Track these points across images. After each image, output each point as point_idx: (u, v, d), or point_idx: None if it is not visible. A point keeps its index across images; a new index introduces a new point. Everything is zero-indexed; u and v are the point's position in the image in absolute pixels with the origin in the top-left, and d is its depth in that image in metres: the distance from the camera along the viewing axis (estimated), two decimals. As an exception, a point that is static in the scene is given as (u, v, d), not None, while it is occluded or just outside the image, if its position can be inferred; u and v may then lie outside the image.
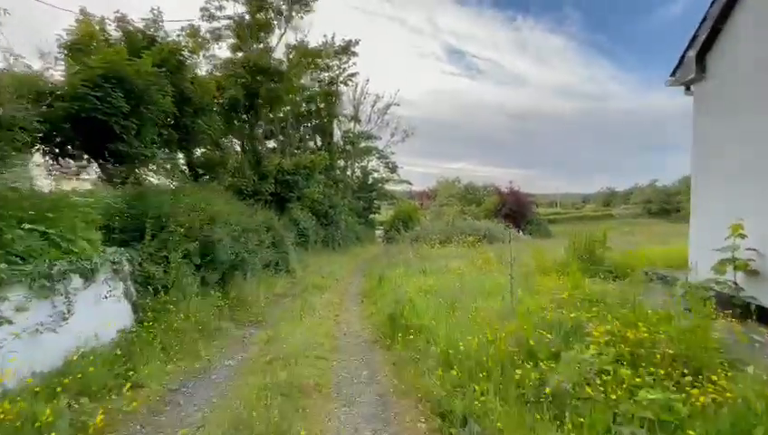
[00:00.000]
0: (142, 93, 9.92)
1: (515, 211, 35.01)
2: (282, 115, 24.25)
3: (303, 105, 24.76)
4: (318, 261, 18.86)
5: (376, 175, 36.96)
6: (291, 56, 20.20)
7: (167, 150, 12.20)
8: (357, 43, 27.53)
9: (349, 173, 35.10)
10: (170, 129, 12.40)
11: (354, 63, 28.82)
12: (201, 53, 18.30)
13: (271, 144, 24.37)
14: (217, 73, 17.64)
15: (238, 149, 19.04)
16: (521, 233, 27.64)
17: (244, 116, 16.83)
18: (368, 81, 33.64)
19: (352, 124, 31.57)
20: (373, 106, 34.50)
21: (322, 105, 25.86)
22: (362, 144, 35.46)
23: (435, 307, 6.36)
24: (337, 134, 31.44)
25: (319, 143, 27.63)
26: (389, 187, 37.88)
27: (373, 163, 37.31)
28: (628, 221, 49.39)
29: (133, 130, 9.67)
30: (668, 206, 52.51)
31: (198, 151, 14.87)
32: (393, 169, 34.26)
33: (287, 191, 17.32)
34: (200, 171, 13.98)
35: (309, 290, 11.07)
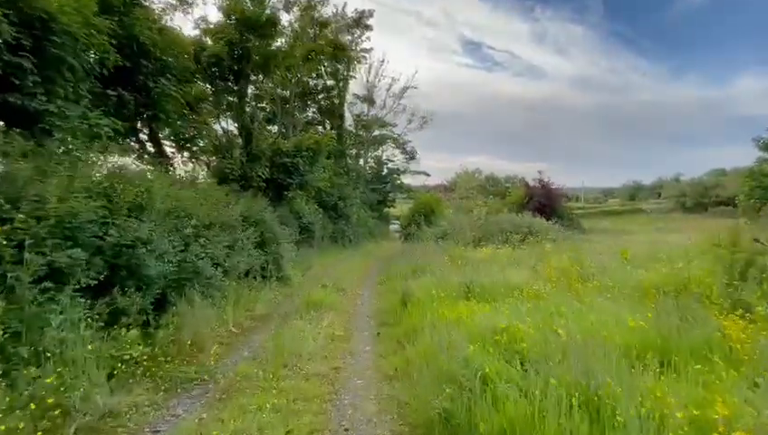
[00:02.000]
0: (50, 22, 6.45)
1: (545, 205, 30.84)
2: (286, 94, 20.76)
3: (310, 80, 21.15)
4: (323, 261, 15.35)
5: (391, 165, 33.30)
6: (292, 17, 16.57)
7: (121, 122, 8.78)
8: (371, 14, 23.82)
9: (361, 163, 31.50)
10: (120, 88, 9.02)
11: (368, 38, 25.14)
12: (182, 10, 14.83)
13: (275, 130, 20.94)
14: (208, 40, 14.19)
15: (233, 129, 15.57)
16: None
17: (233, 85, 13.33)
18: (383, 61, 29.86)
19: (365, 107, 27.86)
20: (389, 90, 30.70)
21: (330, 81, 22.22)
22: (376, 132, 31.80)
23: (549, 407, 2.69)
24: (348, 119, 27.84)
25: (328, 127, 24.05)
26: (406, 179, 34.17)
27: (388, 153, 33.64)
28: (663, 217, 44.56)
29: (33, 75, 6.22)
30: (705, 200, 47.31)
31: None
32: (412, 155, 30.44)
33: (285, 177, 13.79)
34: (168, 148, 10.53)
35: (302, 311, 7.53)
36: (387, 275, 12.01)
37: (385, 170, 33.38)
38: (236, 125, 13.47)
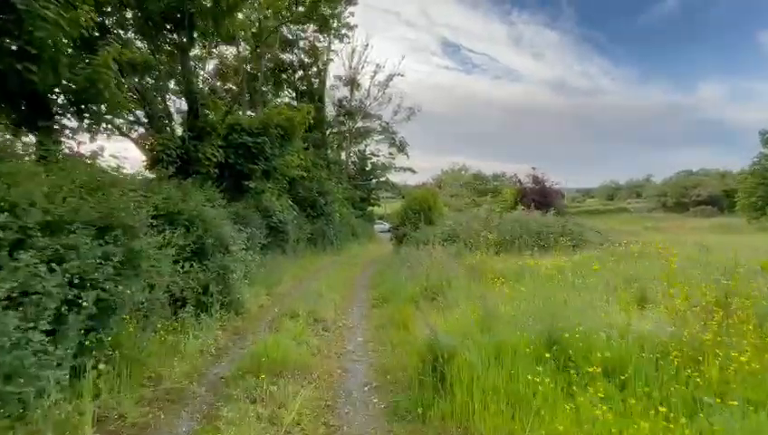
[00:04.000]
0: None
1: (540, 202, 28.29)
2: (253, 72, 17.07)
3: (285, 56, 17.47)
4: (298, 272, 11.80)
5: (375, 160, 29.87)
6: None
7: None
8: (356, -17, 20.32)
9: (343, 157, 27.97)
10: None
11: (352, 14, 21.65)
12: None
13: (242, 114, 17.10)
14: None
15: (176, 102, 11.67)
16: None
17: (171, 35, 9.57)
18: (366, 45, 26.44)
19: (348, 91, 24.33)
20: (373, 78, 27.28)
21: (308, 58, 18.62)
22: (360, 123, 28.33)
23: None
24: (329, 105, 24.26)
25: (306, 112, 20.41)
26: (391, 176, 30.64)
27: (372, 147, 30.18)
28: (647, 216, 43.17)
29: None
30: (686, 199, 46.39)
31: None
32: (401, 147, 27.05)
33: (247, 162, 10.18)
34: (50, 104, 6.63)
35: (250, 380, 4.05)
36: (383, 292, 8.64)
37: (369, 166, 29.96)
38: (178, 89, 9.71)
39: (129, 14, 10.08)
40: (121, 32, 9.92)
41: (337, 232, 19.11)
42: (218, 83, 18.24)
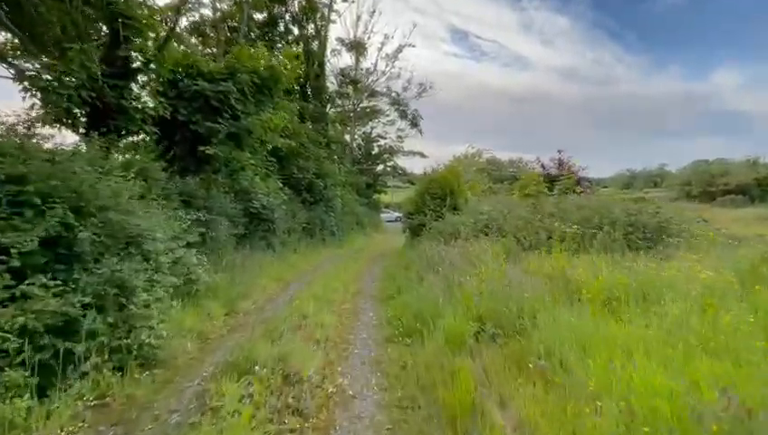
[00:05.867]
0: None
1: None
2: (235, 25, 13.74)
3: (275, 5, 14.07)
4: (283, 274, 8.65)
5: (382, 142, 26.47)
6: None
7: None
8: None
9: (347, 138, 24.63)
10: None
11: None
12: None
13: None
14: None
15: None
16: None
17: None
18: (374, 12, 22.93)
19: (352, 59, 20.90)
20: (380, 50, 23.75)
21: (304, 15, 15.23)
22: (365, 102, 24.88)
23: None
24: (330, 76, 20.85)
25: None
26: (400, 161, 27.11)
27: (379, 129, 26.69)
28: (670, 206, 39.47)
29: None
30: (712, 189, 42.46)
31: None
32: (414, 121, 23.60)
33: (205, 118, 6.96)
34: None
35: None
36: (401, 311, 5.44)
37: (375, 149, 26.61)
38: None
39: None
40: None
41: (339, 221, 15.95)
42: (195, 43, 14.98)
